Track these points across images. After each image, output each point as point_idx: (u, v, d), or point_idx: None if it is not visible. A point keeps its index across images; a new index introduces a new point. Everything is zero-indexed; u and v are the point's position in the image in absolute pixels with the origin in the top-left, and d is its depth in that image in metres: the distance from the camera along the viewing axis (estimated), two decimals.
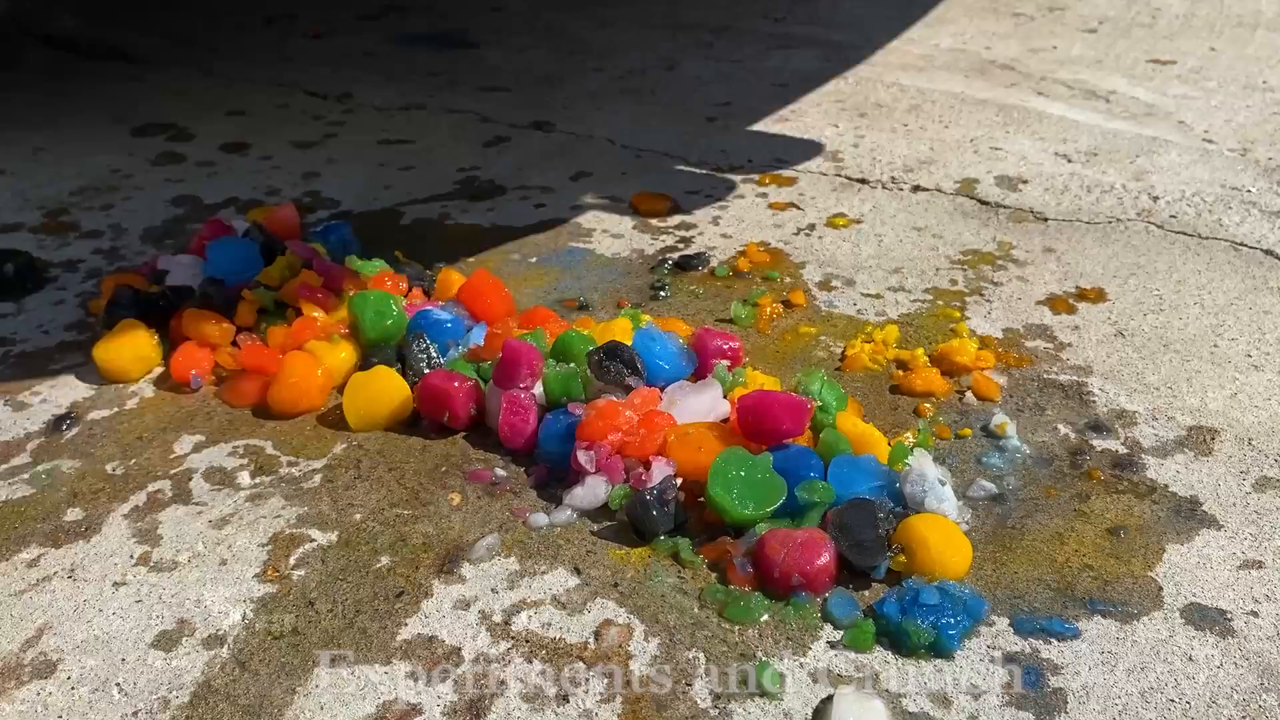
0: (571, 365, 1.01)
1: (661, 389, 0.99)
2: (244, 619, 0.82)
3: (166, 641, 0.80)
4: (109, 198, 1.51)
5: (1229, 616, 0.80)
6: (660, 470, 0.90)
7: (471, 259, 1.34)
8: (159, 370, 1.12)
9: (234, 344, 1.12)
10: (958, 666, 0.77)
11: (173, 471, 0.98)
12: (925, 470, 0.89)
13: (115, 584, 0.86)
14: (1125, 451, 0.97)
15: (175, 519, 0.92)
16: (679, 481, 0.89)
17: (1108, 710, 0.73)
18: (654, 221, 1.42)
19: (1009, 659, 0.77)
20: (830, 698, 0.74)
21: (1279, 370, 1.08)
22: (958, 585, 0.81)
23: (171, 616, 0.82)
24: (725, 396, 0.98)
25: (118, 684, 0.77)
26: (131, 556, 0.88)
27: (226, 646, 0.79)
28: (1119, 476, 0.94)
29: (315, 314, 1.12)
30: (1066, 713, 0.73)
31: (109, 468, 0.99)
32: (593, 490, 0.91)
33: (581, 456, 0.92)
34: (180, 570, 0.87)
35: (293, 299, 1.14)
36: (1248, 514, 0.90)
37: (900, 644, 0.78)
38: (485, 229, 1.42)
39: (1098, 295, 1.22)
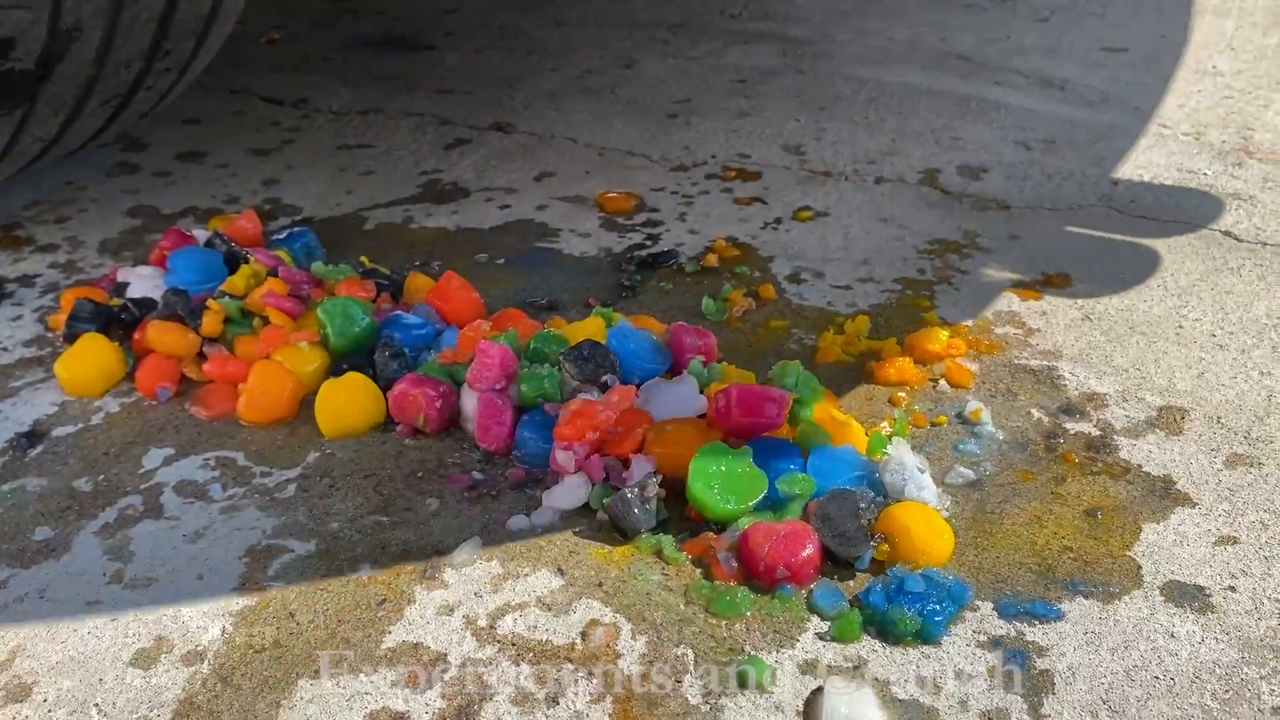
0: (546, 366, 1.00)
1: (637, 386, 0.98)
2: (224, 633, 0.81)
3: (145, 659, 0.78)
4: (64, 210, 1.48)
5: (1207, 593, 0.81)
6: (640, 468, 0.90)
7: (437, 262, 1.32)
8: (124, 384, 1.10)
9: (200, 355, 1.10)
10: (944, 652, 0.77)
11: (143, 486, 0.96)
12: (904, 459, 0.89)
13: (89, 603, 0.84)
14: (1098, 434, 0.98)
15: (148, 534, 0.90)
16: (659, 478, 0.89)
17: (1094, 690, 0.74)
18: (620, 219, 1.41)
19: (994, 643, 0.78)
20: (820, 689, 0.74)
21: (1243, 349, 1.09)
22: (941, 572, 0.82)
23: (149, 634, 0.81)
24: (701, 392, 0.98)
25: (96, 704, 0.75)
26: (104, 574, 0.86)
27: (207, 662, 0.78)
28: (1093, 458, 0.95)
29: (282, 322, 1.10)
30: (1054, 694, 0.74)
31: (77, 485, 0.96)
32: (573, 490, 0.90)
33: (560, 456, 0.91)
34: (156, 586, 0.85)
35: (259, 308, 1.12)
36: (1220, 491, 0.91)
37: (887, 632, 0.78)
38: (450, 231, 1.41)
39: (1063, 281, 1.23)
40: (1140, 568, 0.84)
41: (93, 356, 1.09)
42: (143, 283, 1.21)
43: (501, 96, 1.87)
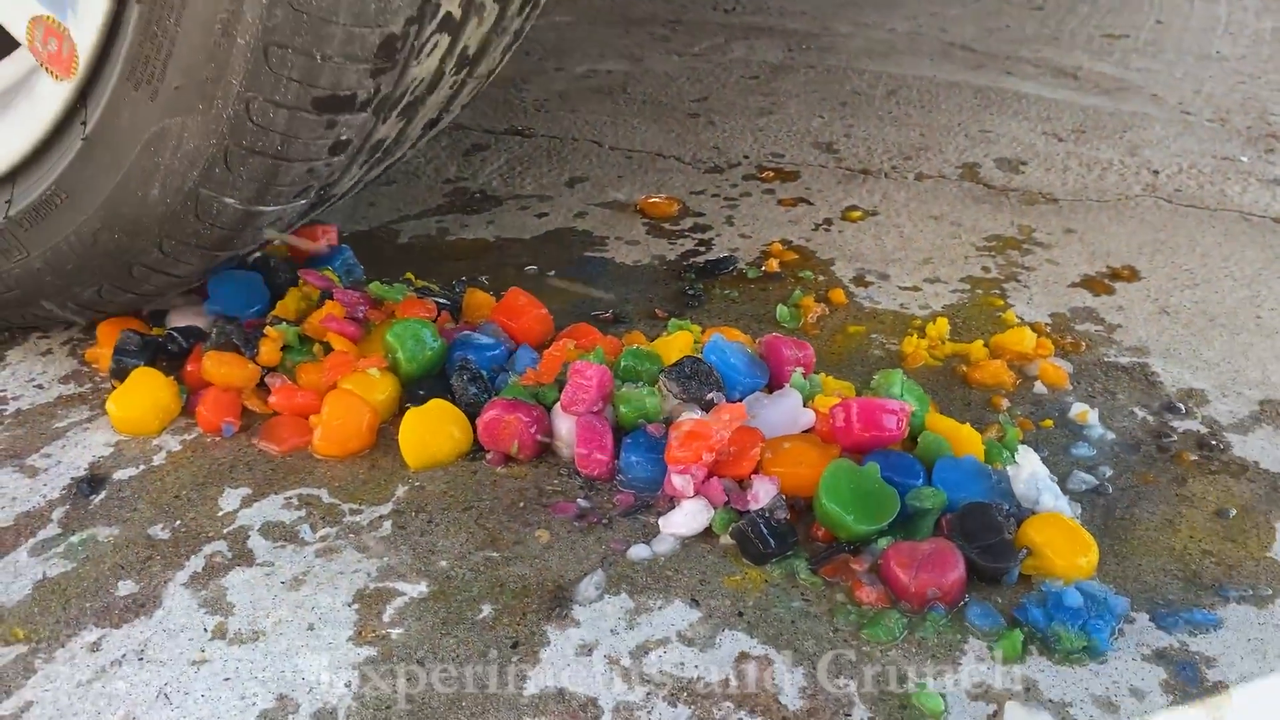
0: (642, 384, 0.96)
1: (738, 402, 0.95)
2: (350, 687, 0.75)
3: None
4: None
5: None
6: (765, 489, 0.86)
7: (485, 276, 1.27)
8: (180, 420, 1.04)
9: (260, 385, 1.04)
10: (1112, 668, 0.75)
11: (225, 530, 0.90)
12: (1035, 468, 0.87)
13: (194, 662, 0.78)
14: (1206, 431, 0.97)
15: (243, 583, 0.85)
16: (785, 500, 0.86)
17: (1274, 699, 0.72)
18: (666, 225, 1.38)
19: (1160, 656, 0.76)
20: (998, 714, 0.72)
21: None
22: (1095, 584, 0.79)
23: (268, 693, 0.75)
24: (806, 405, 0.95)
25: None
26: (205, 629, 0.81)
27: (340, 719, 0.73)
28: (1208, 457, 0.94)
29: (346, 347, 1.05)
30: (1233, 706, 0.72)
31: (152, 532, 0.90)
32: (694, 516, 0.87)
33: (678, 481, 0.88)
34: (265, 640, 0.80)
35: (319, 333, 1.06)
36: None
37: (1052, 650, 0.76)
38: (490, 243, 1.36)
39: (1130, 274, 1.22)
40: None
41: (147, 392, 1.03)
42: (181, 310, 1.15)
43: (510, 98, 1.82)
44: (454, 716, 0.73)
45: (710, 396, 0.93)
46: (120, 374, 1.05)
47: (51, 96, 0.95)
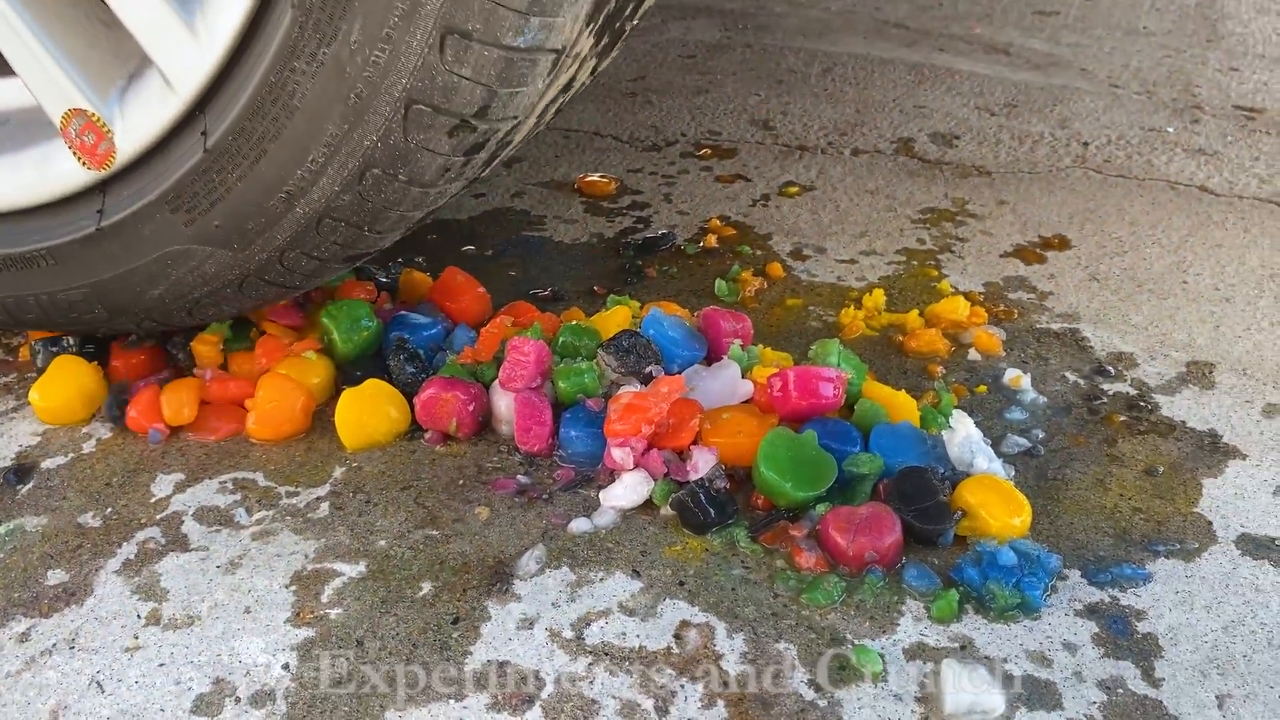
0: (581, 360, 0.96)
1: (677, 374, 0.95)
2: (289, 669, 0.74)
3: (209, 706, 0.72)
4: None
5: (1278, 544, 0.82)
6: (704, 459, 0.86)
7: (421, 257, 1.26)
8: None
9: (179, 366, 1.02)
10: (1046, 624, 0.76)
11: (159, 516, 0.89)
12: (970, 431, 0.88)
13: (127, 649, 0.77)
14: (1135, 393, 0.99)
15: (177, 568, 0.83)
16: (724, 469, 0.86)
17: (1199, 648, 0.74)
18: (605, 204, 1.37)
19: (1092, 611, 0.77)
20: (935, 672, 0.72)
21: (1248, 301, 1.12)
22: (1029, 543, 0.81)
23: (204, 678, 0.74)
24: (745, 376, 0.95)
25: None
26: (139, 616, 0.79)
27: (280, 702, 0.72)
28: (1137, 418, 0.96)
29: (279, 332, 1.03)
30: (1163, 657, 0.74)
31: (82, 520, 0.88)
32: (634, 488, 0.87)
33: (617, 454, 0.87)
34: (201, 625, 0.78)
35: (258, 318, 1.04)
36: (1265, 441, 0.93)
37: (987, 608, 0.77)
38: (427, 223, 1.34)
39: (1061, 243, 1.24)
40: (1211, 524, 0.84)
41: (71, 380, 1.00)
42: None
43: None
44: (395, 694, 0.72)
45: (649, 370, 0.93)
46: (45, 363, 1.02)
47: (67, 174, 0.89)
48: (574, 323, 0.99)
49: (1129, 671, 0.73)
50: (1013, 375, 1.00)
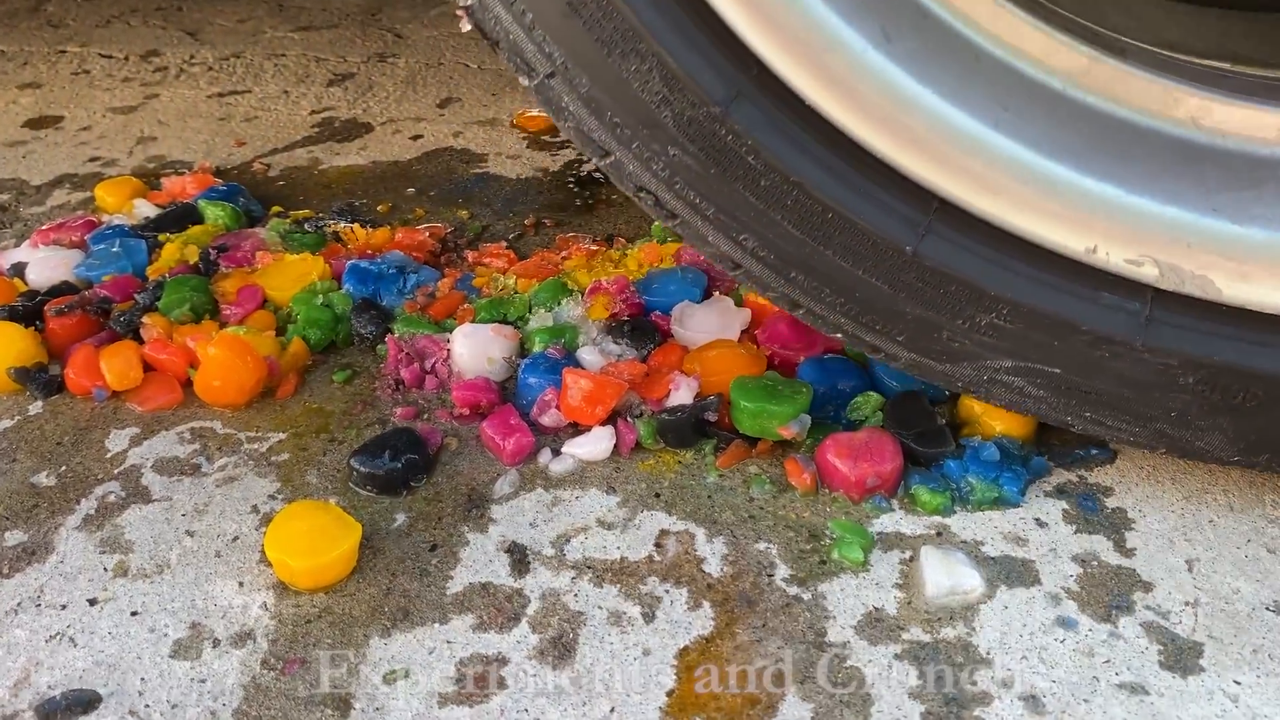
0: (561, 311, 0.95)
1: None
2: (266, 608, 0.73)
3: (186, 650, 0.70)
4: None
5: None
6: (687, 385, 0.85)
7: (363, 200, 1.23)
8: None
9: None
10: (1018, 508, 0.78)
11: (116, 471, 0.86)
12: None
13: (95, 601, 0.75)
14: None
15: (141, 519, 0.81)
16: (715, 399, 0.84)
17: (1166, 518, 0.76)
18: (546, 138, 1.35)
19: (1061, 491, 0.79)
20: (914, 559, 0.73)
21: None
22: (1016, 441, 0.81)
23: (180, 623, 0.72)
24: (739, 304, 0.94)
25: (146, 707, 0.67)
26: (105, 569, 0.77)
27: (259, 640, 0.71)
28: None
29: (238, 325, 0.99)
30: (1133, 528, 0.75)
31: (35, 480, 0.86)
32: (599, 440, 0.84)
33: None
34: (171, 572, 0.76)
35: (229, 297, 1.01)
36: None
37: (965, 500, 0.78)
38: (366, 167, 1.32)
39: None
40: None
41: (7, 345, 0.96)
42: (42, 264, 1.09)
43: (367, 27, 1.76)
44: (377, 623, 0.71)
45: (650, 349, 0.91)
46: None
47: None
48: (545, 327, 0.94)
49: (1101, 545, 0.74)
50: None
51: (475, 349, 0.91)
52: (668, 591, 0.73)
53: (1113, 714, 0.63)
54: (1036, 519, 0.76)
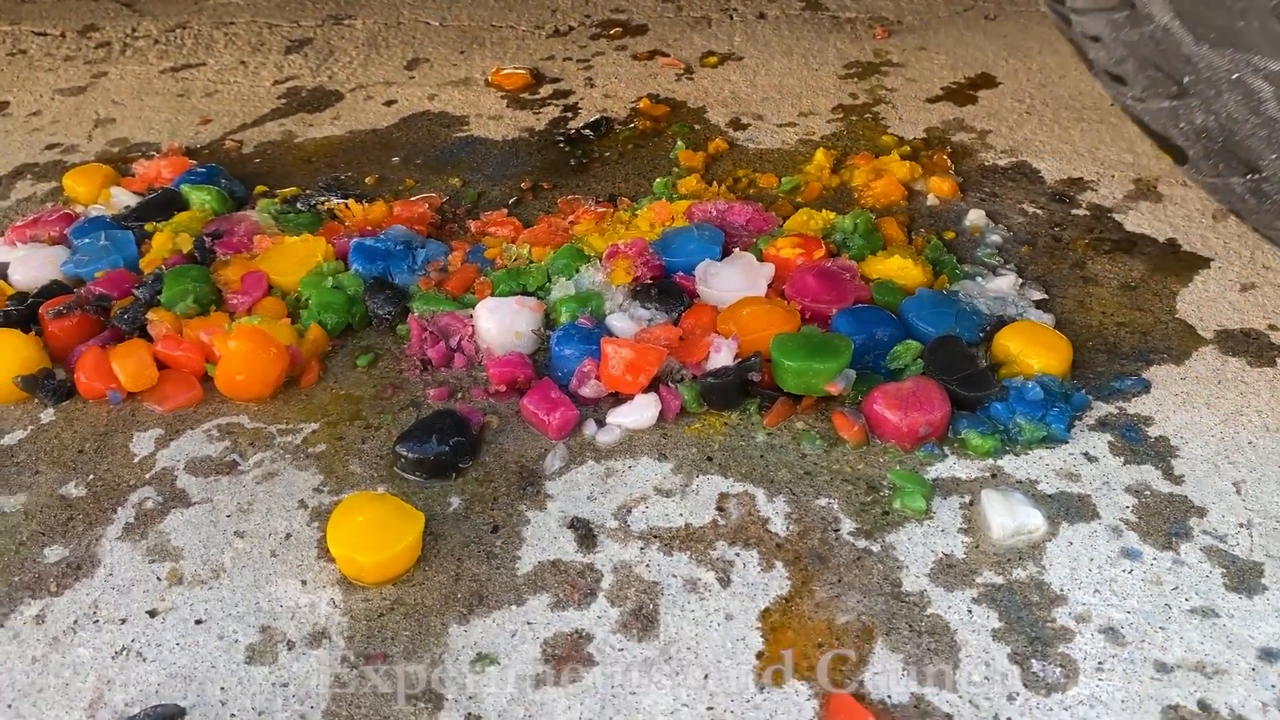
0: (581, 278, 0.94)
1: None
2: (336, 605, 0.72)
3: (262, 654, 0.69)
4: None
5: (1255, 335, 0.87)
6: (727, 347, 0.85)
7: (348, 174, 1.20)
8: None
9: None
10: (1065, 445, 0.79)
11: (148, 475, 0.84)
12: (1001, 285, 0.90)
13: (153, 613, 0.73)
14: (1093, 215, 1.02)
15: (185, 524, 0.79)
16: (755, 358, 0.84)
17: (1208, 442, 0.78)
18: (525, 96, 1.33)
19: (1103, 424, 0.81)
20: (973, 502, 0.75)
21: None
22: (1056, 379, 0.82)
23: (249, 628, 0.71)
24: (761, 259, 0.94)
25: (232, 716, 0.66)
26: (158, 578, 0.75)
27: (335, 639, 0.70)
28: (1101, 238, 0.99)
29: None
30: (1178, 455, 0.77)
31: (65, 492, 0.83)
32: (643, 408, 0.84)
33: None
34: (228, 576, 0.75)
35: (233, 285, 0.97)
36: (1220, 244, 0.97)
37: (1014, 440, 0.79)
38: (343, 138, 1.28)
39: (989, 80, 1.26)
40: (1192, 327, 0.88)
41: (10, 353, 0.92)
42: (26, 263, 1.04)
43: None
44: (453, 610, 0.71)
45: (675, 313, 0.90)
46: None
47: None
48: (569, 296, 0.93)
49: (1151, 474, 0.76)
50: (973, 219, 1.01)
51: (501, 323, 0.90)
52: (738, 555, 0.73)
53: (1189, 639, 0.65)
54: (1085, 454, 0.78)
